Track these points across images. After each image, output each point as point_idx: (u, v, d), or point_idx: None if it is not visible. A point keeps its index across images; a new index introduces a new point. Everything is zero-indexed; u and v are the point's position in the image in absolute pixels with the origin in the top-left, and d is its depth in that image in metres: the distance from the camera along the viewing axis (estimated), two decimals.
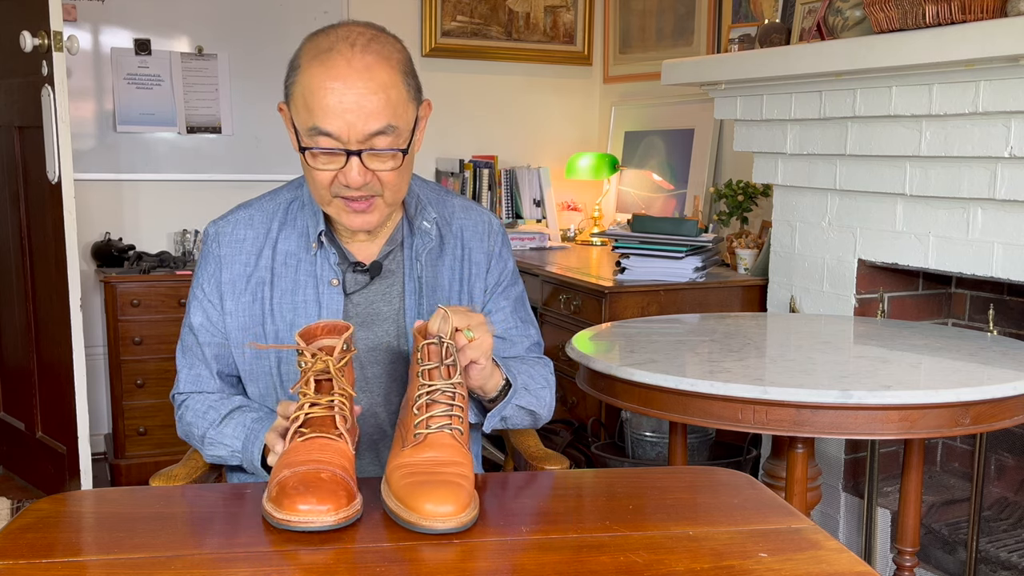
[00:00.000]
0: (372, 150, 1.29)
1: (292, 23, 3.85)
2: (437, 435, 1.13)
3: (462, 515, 1.04)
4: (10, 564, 0.97)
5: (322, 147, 1.29)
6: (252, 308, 1.44)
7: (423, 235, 1.47)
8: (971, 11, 2.07)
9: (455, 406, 1.15)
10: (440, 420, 1.14)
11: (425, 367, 1.17)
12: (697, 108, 3.68)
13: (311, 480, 1.06)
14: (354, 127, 1.27)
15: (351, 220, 1.36)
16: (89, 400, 3.10)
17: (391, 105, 1.29)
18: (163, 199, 3.79)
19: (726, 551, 1.02)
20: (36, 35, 2.94)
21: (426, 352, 1.18)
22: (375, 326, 1.45)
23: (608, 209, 4.18)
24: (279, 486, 1.07)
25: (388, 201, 1.36)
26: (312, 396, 1.16)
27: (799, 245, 2.78)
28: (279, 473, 1.09)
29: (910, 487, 2.12)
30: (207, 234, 1.48)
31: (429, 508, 1.04)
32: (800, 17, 2.88)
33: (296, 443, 1.13)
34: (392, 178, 1.33)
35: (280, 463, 1.12)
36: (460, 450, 1.12)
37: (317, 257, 1.43)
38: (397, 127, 1.30)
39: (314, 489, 1.05)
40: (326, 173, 1.31)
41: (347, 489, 1.07)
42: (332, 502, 1.04)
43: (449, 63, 4.13)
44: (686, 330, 2.22)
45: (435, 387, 1.16)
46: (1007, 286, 2.56)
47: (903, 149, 2.35)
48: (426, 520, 1.04)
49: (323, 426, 1.14)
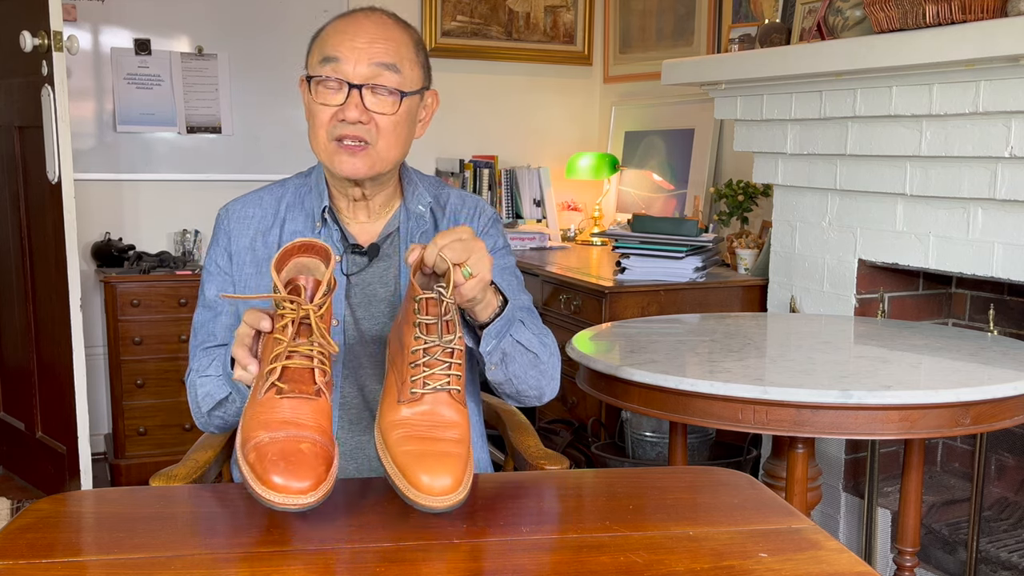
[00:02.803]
0: (373, 86, 1.36)
1: (292, 23, 3.85)
2: (434, 395, 1.11)
3: (456, 492, 1.03)
4: (10, 564, 0.97)
5: (328, 76, 1.36)
6: (253, 280, 1.47)
7: (417, 218, 1.51)
8: (971, 11, 2.07)
9: (453, 363, 1.12)
10: (439, 379, 1.11)
11: (423, 320, 1.12)
12: (697, 108, 3.68)
13: (291, 453, 1.02)
14: (360, 55, 1.35)
15: (342, 162, 1.39)
16: (89, 400, 3.10)
17: (399, 54, 1.38)
18: (163, 199, 3.79)
19: (726, 551, 1.02)
20: (36, 35, 2.94)
21: (424, 305, 1.13)
22: (371, 307, 1.47)
23: (608, 209, 4.18)
24: (257, 452, 1.03)
25: (380, 152, 1.39)
26: (290, 343, 1.10)
27: (799, 245, 2.78)
28: (255, 432, 1.05)
29: (910, 487, 2.12)
30: (218, 215, 1.53)
31: (427, 482, 1.03)
32: (800, 17, 2.88)
33: (272, 398, 1.08)
34: (388, 126, 1.38)
35: (254, 417, 1.07)
36: (457, 407, 1.11)
37: (321, 236, 1.47)
38: (401, 71, 1.38)
39: (294, 465, 1.01)
40: (327, 110, 1.37)
41: (326, 458, 1.04)
42: (311, 478, 1.00)
43: (449, 63, 4.13)
44: (686, 330, 2.22)
45: (433, 344, 1.12)
46: (1007, 286, 2.56)
47: (903, 149, 2.35)
48: (428, 499, 1.02)
49: (301, 381, 1.09)
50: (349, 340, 1.46)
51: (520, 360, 1.37)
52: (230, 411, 1.40)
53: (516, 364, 1.37)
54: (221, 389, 1.39)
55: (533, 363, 1.39)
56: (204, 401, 1.42)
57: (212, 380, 1.39)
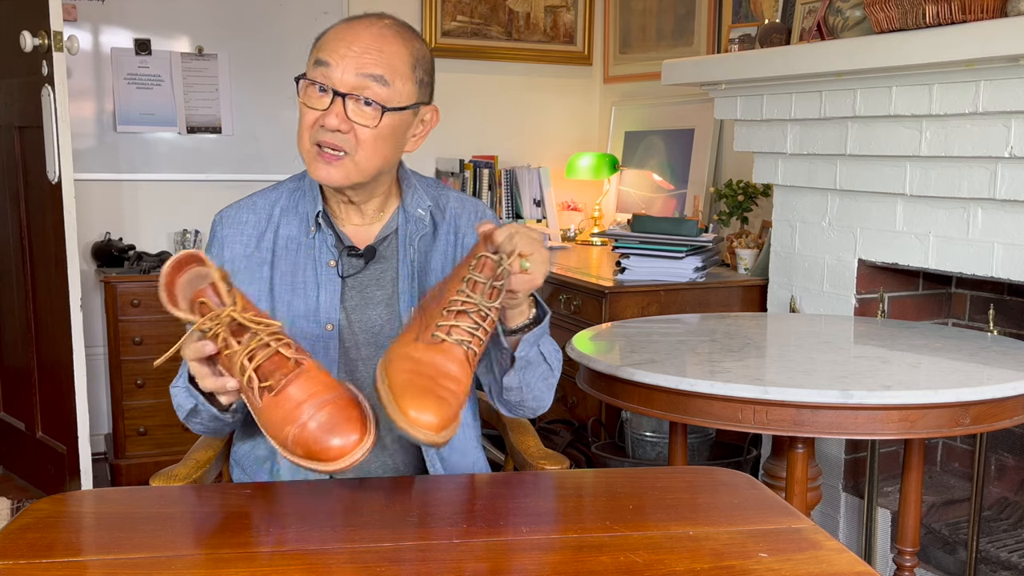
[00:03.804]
0: (358, 96, 1.35)
1: (292, 23, 3.85)
2: (452, 346, 1.12)
3: (440, 433, 1.06)
4: (10, 564, 0.97)
5: (316, 80, 1.35)
6: (249, 288, 1.46)
7: (417, 221, 1.50)
8: (971, 11, 2.07)
9: (482, 328, 1.14)
10: (462, 334, 1.12)
11: (473, 276, 1.14)
12: (697, 108, 3.68)
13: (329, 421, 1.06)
14: (349, 63, 1.34)
15: (317, 170, 1.39)
16: (89, 400, 3.10)
17: (390, 66, 1.36)
18: (163, 199, 3.79)
19: (726, 551, 1.02)
20: (36, 35, 2.94)
21: (481, 264, 1.15)
22: (369, 309, 1.47)
23: (608, 209, 4.18)
24: (299, 444, 1.07)
25: (359, 163, 1.38)
26: (239, 348, 1.11)
27: (799, 245, 2.78)
28: (284, 431, 1.08)
29: (910, 487, 2.12)
30: (213, 221, 1.53)
31: (413, 415, 1.05)
32: (800, 17, 2.88)
33: (270, 399, 1.09)
34: (367, 138, 1.36)
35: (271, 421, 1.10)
36: (466, 370, 1.12)
37: (316, 240, 1.46)
38: (391, 84, 1.36)
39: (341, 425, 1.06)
40: (312, 113, 1.37)
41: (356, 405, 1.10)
42: (357, 430, 1.07)
43: (449, 63, 4.13)
44: (686, 330, 2.22)
45: (473, 301, 1.14)
46: (1007, 286, 2.56)
47: (903, 149, 2.35)
48: (408, 426, 1.05)
49: (278, 367, 1.10)
50: (344, 343, 1.45)
51: (537, 370, 1.40)
52: (204, 418, 1.40)
53: (533, 373, 1.39)
54: (188, 400, 1.39)
55: (546, 375, 1.42)
56: (179, 411, 1.43)
57: (180, 391, 1.39)
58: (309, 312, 1.44)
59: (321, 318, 1.44)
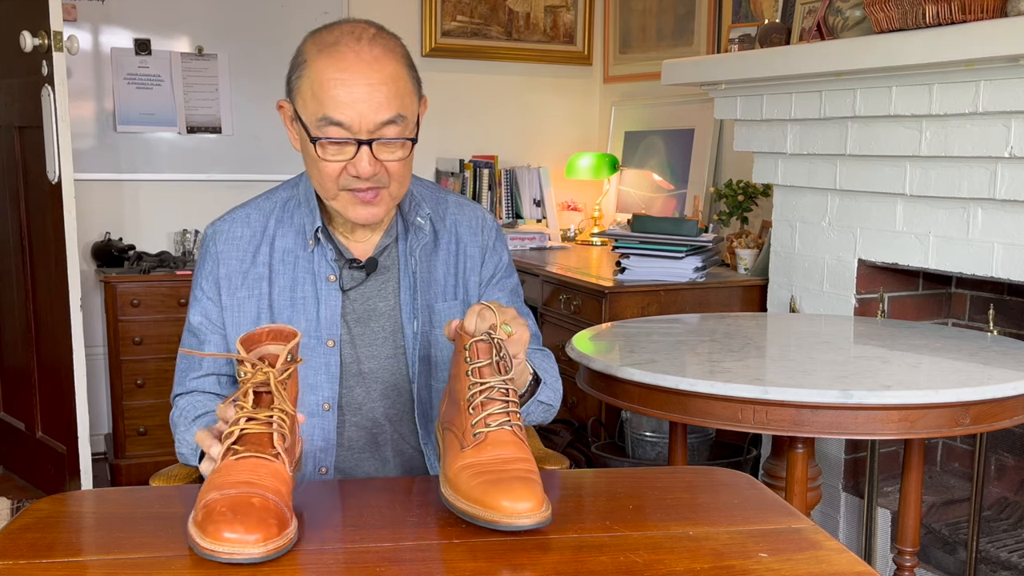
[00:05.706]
0: (382, 139, 1.32)
1: (292, 23, 3.85)
2: (498, 433, 1.11)
3: (542, 510, 1.04)
4: (10, 564, 0.97)
5: (333, 137, 1.31)
6: (248, 304, 1.44)
7: (417, 231, 1.48)
8: (971, 11, 2.07)
9: (510, 402, 1.13)
10: (499, 417, 1.12)
11: (476, 365, 1.14)
12: (697, 108, 3.68)
13: (240, 505, 0.98)
14: (365, 117, 1.30)
15: (358, 213, 1.37)
16: (89, 400, 3.10)
17: (399, 95, 1.32)
18: (163, 199, 3.79)
19: (726, 551, 1.02)
20: (36, 35, 2.94)
21: (475, 350, 1.15)
22: (371, 322, 1.46)
23: (608, 209, 4.18)
24: (205, 509, 0.99)
25: (393, 193, 1.38)
26: (249, 410, 1.08)
27: (799, 245, 2.78)
28: (207, 494, 1.01)
29: (910, 487, 2.12)
30: (205, 234, 1.50)
31: (507, 505, 1.03)
32: (800, 17, 2.88)
33: (228, 462, 1.05)
34: (399, 169, 1.35)
35: (209, 483, 1.04)
36: (522, 447, 1.11)
37: (314, 254, 1.44)
38: (406, 117, 1.33)
39: (242, 516, 0.96)
40: (335, 165, 1.33)
41: (279, 516, 0.99)
42: (261, 531, 0.96)
43: (449, 63, 4.13)
44: (686, 330, 2.22)
45: (489, 384, 1.13)
46: (1007, 286, 2.56)
47: (903, 149, 2.35)
48: (506, 517, 1.03)
49: (259, 444, 1.06)
50: (345, 359, 1.44)
51: (536, 415, 1.45)
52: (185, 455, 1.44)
53: (532, 419, 1.45)
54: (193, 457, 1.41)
55: (545, 411, 1.47)
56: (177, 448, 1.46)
57: (187, 447, 1.41)
58: (309, 328, 1.43)
59: (322, 334, 1.43)
